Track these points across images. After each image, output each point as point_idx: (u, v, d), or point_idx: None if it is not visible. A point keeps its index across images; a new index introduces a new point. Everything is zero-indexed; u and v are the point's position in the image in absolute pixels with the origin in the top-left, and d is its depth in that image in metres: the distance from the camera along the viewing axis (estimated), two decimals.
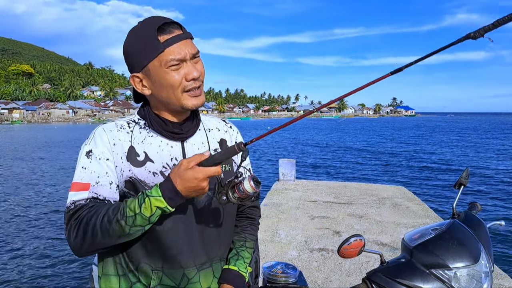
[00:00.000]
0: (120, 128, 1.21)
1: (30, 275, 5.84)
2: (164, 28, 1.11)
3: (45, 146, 29.78)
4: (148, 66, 1.12)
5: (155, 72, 1.12)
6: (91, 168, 1.14)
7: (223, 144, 1.33)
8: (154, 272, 1.17)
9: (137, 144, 1.19)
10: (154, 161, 1.19)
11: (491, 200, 11.08)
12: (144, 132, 1.22)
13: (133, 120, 1.25)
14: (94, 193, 1.12)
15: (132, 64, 1.16)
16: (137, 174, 1.16)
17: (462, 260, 1.27)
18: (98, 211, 1.08)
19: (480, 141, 35.62)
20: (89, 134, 1.22)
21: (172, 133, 1.21)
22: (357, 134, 44.46)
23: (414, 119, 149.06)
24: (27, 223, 8.68)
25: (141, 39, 1.12)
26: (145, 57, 1.11)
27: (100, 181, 1.13)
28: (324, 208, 6.48)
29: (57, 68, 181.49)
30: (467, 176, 1.60)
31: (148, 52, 1.11)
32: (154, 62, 1.11)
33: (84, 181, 1.13)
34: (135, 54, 1.13)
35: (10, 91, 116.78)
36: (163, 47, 1.10)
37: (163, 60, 1.10)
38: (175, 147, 1.22)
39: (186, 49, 1.12)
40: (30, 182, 14.11)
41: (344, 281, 3.70)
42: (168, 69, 1.11)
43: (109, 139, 1.17)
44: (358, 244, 1.29)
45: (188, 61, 1.13)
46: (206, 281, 1.23)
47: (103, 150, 1.16)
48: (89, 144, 1.18)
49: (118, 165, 1.16)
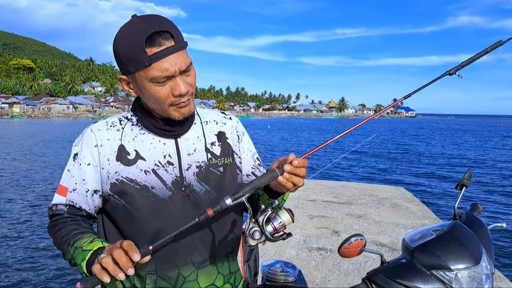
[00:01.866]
0: (110, 126, 1.18)
1: (28, 267, 5.84)
2: (154, 39, 1.01)
3: (45, 141, 29.76)
4: (134, 74, 1.06)
5: (140, 82, 1.06)
6: (72, 172, 1.16)
7: (222, 137, 1.27)
8: (148, 276, 1.15)
9: (128, 142, 1.16)
10: (145, 159, 1.15)
11: (492, 202, 11.06)
12: (136, 129, 1.18)
13: (126, 117, 1.21)
14: (70, 201, 1.15)
15: (120, 65, 1.09)
16: (128, 173, 1.13)
17: (463, 261, 1.26)
18: (62, 228, 1.11)
19: (480, 143, 35.60)
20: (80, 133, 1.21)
21: (164, 130, 1.17)
22: (357, 135, 44.47)
23: (415, 120, 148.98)
24: (26, 216, 8.67)
25: (129, 45, 1.02)
26: (130, 65, 1.04)
27: (77, 188, 1.15)
28: (323, 207, 6.47)
29: (58, 63, 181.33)
30: (469, 177, 1.59)
31: (134, 61, 1.03)
32: (140, 73, 1.04)
33: (65, 185, 1.17)
34: (122, 58, 1.05)
35: (11, 86, 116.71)
36: (150, 61, 1.01)
37: (149, 75, 1.03)
38: (168, 144, 1.17)
39: (177, 65, 1.03)
40: (28, 177, 14.10)
41: (343, 281, 3.70)
42: (153, 84, 1.04)
43: (97, 140, 1.15)
44: (359, 243, 1.28)
45: (177, 76, 1.05)
46: (208, 278, 1.20)
47: (85, 155, 1.15)
48: (77, 146, 1.18)
49: (105, 167, 1.14)
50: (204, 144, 1.22)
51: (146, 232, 1.14)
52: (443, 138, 43.35)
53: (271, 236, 0.95)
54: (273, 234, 0.95)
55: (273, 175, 0.99)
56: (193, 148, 1.20)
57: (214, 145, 1.24)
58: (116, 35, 1.07)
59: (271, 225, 0.95)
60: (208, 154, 1.21)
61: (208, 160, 1.21)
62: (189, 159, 1.18)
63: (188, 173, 1.17)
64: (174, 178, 1.16)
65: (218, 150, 1.24)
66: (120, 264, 0.91)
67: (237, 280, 1.29)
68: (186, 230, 1.07)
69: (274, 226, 0.95)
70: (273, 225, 0.95)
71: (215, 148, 1.24)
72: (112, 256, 0.91)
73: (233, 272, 1.28)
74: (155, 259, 1.14)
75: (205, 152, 1.21)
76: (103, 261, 0.91)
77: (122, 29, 1.06)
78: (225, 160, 1.23)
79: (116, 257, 0.91)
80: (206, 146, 1.22)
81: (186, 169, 1.17)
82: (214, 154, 1.23)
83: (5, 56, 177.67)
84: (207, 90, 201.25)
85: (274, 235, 0.96)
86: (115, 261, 0.91)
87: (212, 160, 1.21)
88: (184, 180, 1.16)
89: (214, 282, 1.20)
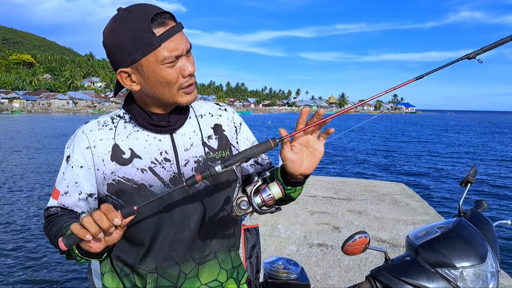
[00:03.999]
0: (102, 125, 1.15)
1: (29, 265, 5.84)
2: (157, 19, 0.99)
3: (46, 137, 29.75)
4: (140, 61, 1.01)
5: (148, 68, 1.02)
6: (65, 175, 1.15)
7: (218, 129, 1.23)
8: (148, 276, 1.12)
9: (122, 141, 1.12)
10: (141, 157, 1.11)
11: (497, 199, 11.03)
12: (129, 127, 1.14)
13: (118, 115, 1.17)
14: (61, 204, 1.14)
15: (119, 59, 1.03)
16: (124, 173, 1.10)
17: (468, 259, 1.25)
18: (56, 223, 1.10)
19: (481, 140, 35.57)
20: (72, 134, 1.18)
21: (158, 127, 1.13)
22: (356, 133, 44.47)
23: (415, 116, 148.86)
24: (25, 213, 8.67)
25: (132, 31, 0.98)
26: (136, 52, 1.00)
27: (68, 191, 1.14)
28: (323, 203, 6.46)
29: (57, 59, 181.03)
30: (474, 174, 1.57)
31: (142, 46, 0.99)
32: (148, 57, 1.00)
33: (58, 188, 1.15)
34: (124, 48, 1.00)
35: (11, 81, 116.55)
36: (160, 42, 0.99)
37: (159, 56, 1.00)
38: (163, 140, 1.14)
39: (183, 44, 1.03)
40: (26, 173, 14.09)
41: (343, 277, 3.69)
42: (164, 65, 1.01)
43: (89, 141, 1.12)
44: (363, 241, 1.26)
45: (184, 56, 1.04)
46: (210, 274, 1.17)
47: (77, 157, 1.12)
48: (69, 148, 1.16)
49: (100, 169, 1.11)
50: (200, 138, 1.19)
51: (145, 231, 1.12)
52: (443, 134, 43.34)
53: (258, 208, 0.90)
54: (261, 206, 0.91)
55: (267, 145, 0.95)
56: (190, 143, 1.16)
57: (211, 139, 1.21)
58: (107, 30, 1.03)
59: (260, 196, 0.91)
60: (206, 148, 1.18)
61: (205, 154, 1.18)
62: (187, 154, 1.15)
63: (186, 168, 1.15)
64: (172, 175, 1.13)
65: (215, 143, 1.21)
66: (100, 223, 0.90)
67: (240, 274, 1.27)
68: (185, 226, 1.06)
69: (262, 198, 0.90)
70: (262, 197, 0.90)
71: (212, 141, 1.20)
72: (92, 217, 0.90)
73: (236, 266, 1.25)
74: (155, 257, 1.12)
75: (202, 146, 1.18)
76: (83, 220, 0.90)
77: (115, 21, 1.02)
78: (222, 153, 1.20)
79: (95, 218, 0.90)
80: (203, 140, 1.19)
81: (184, 165, 1.15)
82: (211, 147, 1.20)
83: (5, 51, 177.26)
84: (207, 86, 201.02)
85: (262, 208, 0.91)
86: (96, 222, 0.90)
87: (209, 154, 1.18)
88: (183, 176, 1.14)
89: (217, 278, 1.18)
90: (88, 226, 0.89)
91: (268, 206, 0.92)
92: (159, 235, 1.12)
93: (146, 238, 1.12)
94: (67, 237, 0.92)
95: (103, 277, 1.19)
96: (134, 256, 1.13)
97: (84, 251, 1.00)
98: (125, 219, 0.92)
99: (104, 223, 0.89)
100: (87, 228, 0.89)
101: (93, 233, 0.89)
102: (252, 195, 0.91)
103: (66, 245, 0.91)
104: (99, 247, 0.96)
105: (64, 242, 0.91)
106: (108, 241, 0.96)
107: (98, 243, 0.95)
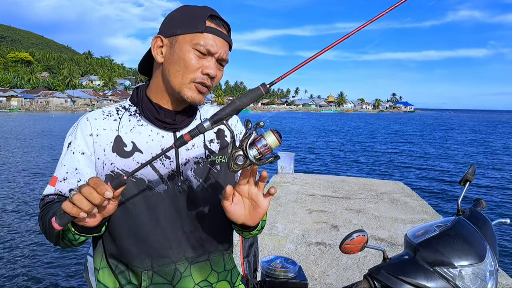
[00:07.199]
0: (107, 115, 1.15)
1: (27, 263, 5.82)
2: (216, 19, 1.08)
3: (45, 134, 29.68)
4: (178, 36, 1.07)
5: (180, 45, 1.06)
6: (64, 161, 1.12)
7: (220, 134, 1.25)
8: (143, 273, 1.12)
9: (125, 134, 1.12)
10: (143, 151, 1.12)
11: (496, 197, 11.05)
12: (133, 120, 1.15)
13: (123, 107, 1.18)
14: (58, 191, 1.12)
15: (166, 28, 1.10)
16: (124, 165, 1.10)
17: (467, 258, 1.24)
18: (50, 211, 1.06)
19: (481, 139, 35.63)
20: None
21: (163, 123, 1.13)
22: (355, 132, 44.54)
23: (414, 115, 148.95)
24: (22, 210, 8.64)
25: (191, 12, 1.08)
26: (181, 27, 1.06)
27: (67, 177, 1.11)
28: (322, 202, 6.46)
29: (56, 57, 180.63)
30: (473, 172, 1.56)
31: (189, 25, 1.06)
32: (186, 36, 1.06)
33: (56, 174, 1.13)
34: (175, 20, 1.08)
35: (9, 79, 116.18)
36: (204, 29, 1.05)
37: (195, 39, 1.05)
38: (166, 137, 1.14)
39: (221, 49, 1.08)
40: (25, 170, 14.06)
41: (342, 276, 3.69)
42: (193, 50, 1.06)
43: (92, 128, 1.11)
44: (361, 239, 1.25)
45: (214, 58, 1.08)
46: (201, 274, 1.17)
47: (79, 143, 1.11)
48: (71, 135, 1.14)
49: (100, 158, 1.11)
50: (203, 141, 1.19)
51: (140, 226, 1.11)
52: (442, 132, 43.40)
53: (255, 160, 0.87)
54: (259, 158, 0.87)
55: (257, 93, 0.91)
56: (192, 143, 1.17)
57: (213, 142, 1.22)
58: (177, 8, 1.13)
59: (255, 148, 0.87)
60: (206, 151, 1.19)
61: (206, 156, 1.19)
62: (187, 154, 1.16)
63: (186, 168, 1.15)
64: (171, 172, 1.13)
65: (216, 147, 1.22)
66: (91, 199, 0.84)
67: (234, 277, 1.27)
68: (179, 224, 1.08)
69: (258, 149, 0.86)
70: (257, 148, 0.86)
71: (213, 145, 1.22)
72: (81, 194, 0.85)
73: (229, 269, 1.26)
74: (150, 255, 1.12)
75: (203, 149, 1.19)
76: (73, 198, 0.85)
77: (187, 5, 1.13)
78: (222, 158, 1.21)
79: (85, 194, 0.84)
80: (205, 143, 1.20)
81: (184, 164, 1.15)
82: (212, 151, 1.21)
83: (3, 49, 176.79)
84: None
85: (260, 159, 0.87)
86: (86, 198, 0.85)
87: (210, 157, 1.19)
88: (181, 174, 1.14)
89: (207, 278, 1.18)
90: (80, 204, 0.84)
91: (266, 155, 0.88)
92: (154, 232, 1.12)
93: (141, 235, 1.11)
94: (60, 216, 0.87)
95: (98, 273, 1.17)
96: (129, 253, 1.13)
97: (80, 228, 0.97)
98: (116, 190, 0.89)
99: (96, 198, 0.85)
100: (78, 206, 0.84)
101: (86, 210, 0.85)
102: (248, 149, 0.87)
103: (60, 225, 0.87)
104: (96, 221, 0.93)
105: (57, 222, 0.87)
106: (105, 214, 0.93)
107: (93, 218, 0.92)
